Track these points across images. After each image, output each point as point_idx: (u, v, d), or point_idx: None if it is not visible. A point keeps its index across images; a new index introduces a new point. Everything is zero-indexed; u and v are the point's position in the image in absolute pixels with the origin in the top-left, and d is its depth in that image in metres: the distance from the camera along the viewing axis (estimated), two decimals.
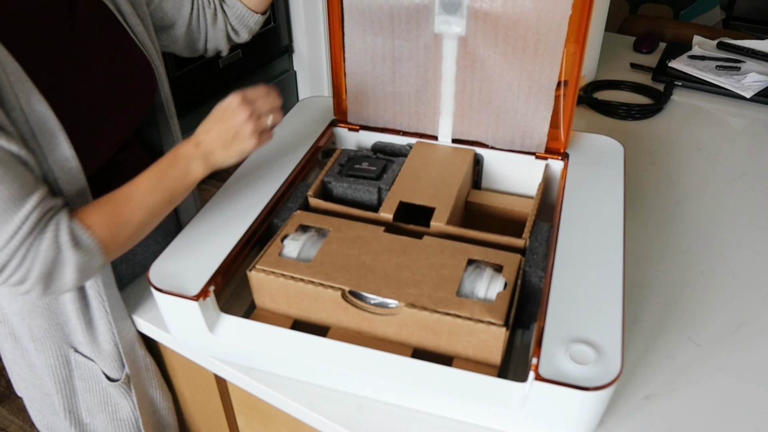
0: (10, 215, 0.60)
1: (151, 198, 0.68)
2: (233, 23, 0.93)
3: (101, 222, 0.65)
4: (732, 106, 1.29)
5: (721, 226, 0.96)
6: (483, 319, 0.65)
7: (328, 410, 0.69)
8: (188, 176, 0.70)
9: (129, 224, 0.67)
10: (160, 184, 0.69)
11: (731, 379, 0.73)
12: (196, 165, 0.70)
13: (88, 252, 0.64)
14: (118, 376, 0.82)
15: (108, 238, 0.66)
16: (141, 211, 0.68)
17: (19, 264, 0.61)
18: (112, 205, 0.67)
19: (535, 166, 0.90)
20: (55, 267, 0.63)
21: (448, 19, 0.80)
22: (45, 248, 0.61)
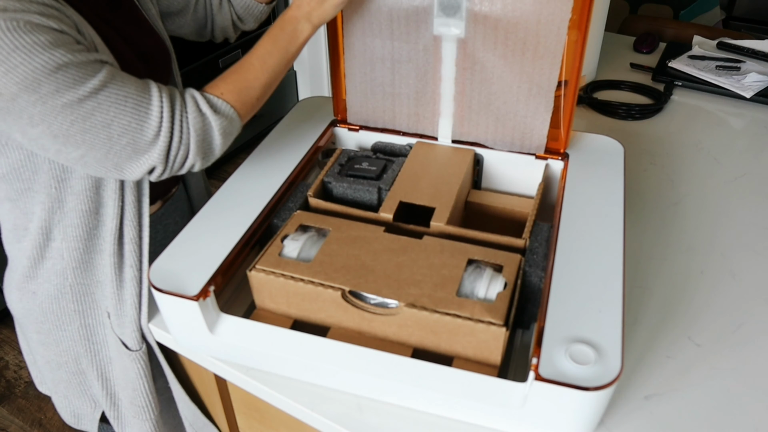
0: (148, 102, 0.66)
1: (270, 61, 0.75)
2: (239, 12, 0.95)
3: (230, 89, 0.73)
4: (732, 106, 1.29)
5: (721, 226, 0.96)
6: (483, 319, 0.65)
7: (328, 410, 0.69)
8: (298, 36, 0.77)
9: (254, 87, 0.75)
10: (275, 47, 0.76)
11: (731, 379, 0.73)
12: (303, 24, 0.77)
13: (226, 116, 0.72)
14: (138, 346, 0.82)
15: (239, 103, 0.73)
16: (263, 74, 0.75)
17: (180, 141, 0.68)
18: (236, 74, 0.74)
19: (535, 166, 0.90)
20: (206, 134, 0.70)
21: (446, 21, 0.80)
22: (193, 120, 0.69)
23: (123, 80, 0.65)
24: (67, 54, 0.60)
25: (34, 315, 0.83)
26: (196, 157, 0.70)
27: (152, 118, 0.66)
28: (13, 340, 1.86)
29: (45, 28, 0.60)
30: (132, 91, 0.65)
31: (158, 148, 0.67)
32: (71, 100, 0.61)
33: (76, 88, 0.61)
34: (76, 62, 0.61)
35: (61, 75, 0.60)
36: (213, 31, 0.96)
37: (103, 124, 0.63)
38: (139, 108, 0.65)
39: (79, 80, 0.61)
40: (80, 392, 0.88)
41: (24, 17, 0.58)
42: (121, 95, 0.64)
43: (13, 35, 0.58)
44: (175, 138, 0.68)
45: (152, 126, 0.66)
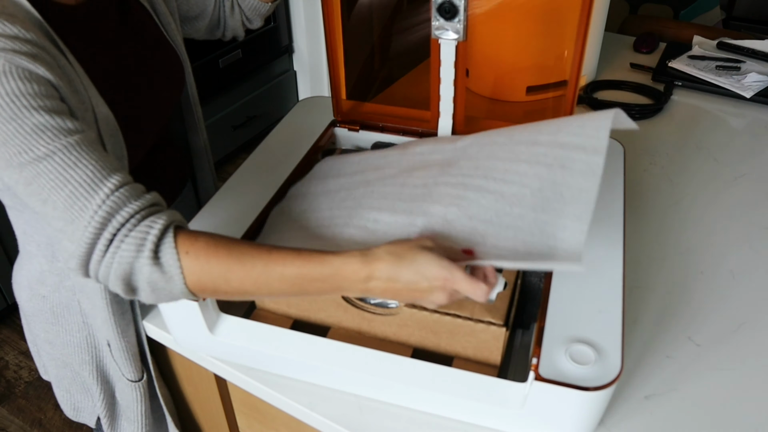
0: (85, 200, 0.56)
1: (274, 282, 0.58)
2: (247, 13, 0.96)
3: (201, 259, 0.57)
4: (732, 106, 1.29)
5: (721, 226, 0.96)
6: (483, 319, 0.65)
7: (328, 410, 0.69)
8: (332, 291, 0.59)
9: (227, 280, 0.58)
10: (295, 280, 0.57)
11: (731, 378, 0.73)
12: (350, 290, 0.58)
13: (168, 276, 0.57)
14: (138, 377, 0.82)
15: (198, 280, 0.57)
16: (255, 285, 0.58)
17: (99, 262, 0.57)
18: (228, 252, 0.58)
19: None
20: (131, 279, 0.58)
21: (444, 24, 0.80)
22: (126, 249, 0.56)
23: (79, 161, 0.56)
24: (33, 110, 0.55)
25: (43, 315, 0.83)
26: (114, 285, 0.58)
27: (83, 218, 0.56)
28: (13, 340, 1.86)
29: (27, 73, 0.55)
30: (78, 177, 0.56)
31: (78, 249, 0.57)
32: (14, 162, 0.55)
33: (22, 148, 0.55)
34: (36, 122, 0.55)
35: (13, 128, 0.55)
36: (224, 32, 0.97)
37: (40, 198, 0.57)
38: (75, 199, 0.56)
39: (28, 141, 0.55)
40: (83, 389, 0.89)
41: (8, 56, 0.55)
42: (62, 177, 0.56)
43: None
44: (95, 253, 0.57)
45: (80, 226, 0.56)
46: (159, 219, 0.58)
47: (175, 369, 0.91)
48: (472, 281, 0.55)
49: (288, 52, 2.47)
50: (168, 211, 0.59)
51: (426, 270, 0.55)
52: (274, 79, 2.44)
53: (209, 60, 2.10)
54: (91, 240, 0.56)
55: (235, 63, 2.21)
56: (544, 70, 1.14)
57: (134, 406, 0.84)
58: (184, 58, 0.85)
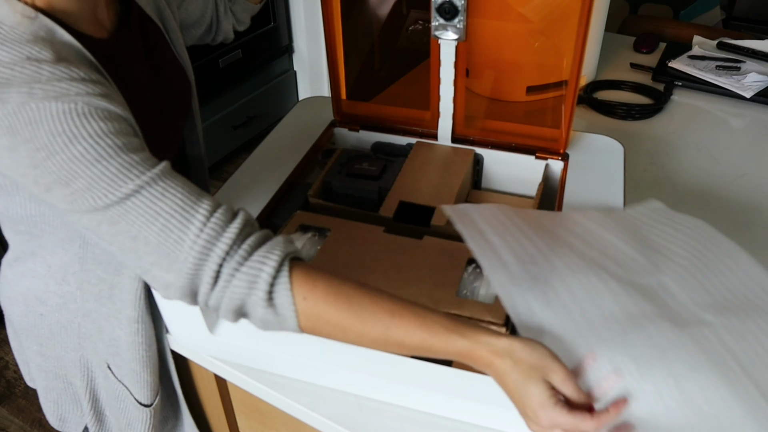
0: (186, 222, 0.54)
1: (395, 348, 0.56)
2: (238, 15, 0.96)
3: (321, 312, 0.55)
4: (732, 106, 1.29)
5: (721, 226, 0.96)
6: (483, 319, 0.65)
7: (328, 410, 0.69)
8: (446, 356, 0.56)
9: (347, 339, 0.57)
10: (416, 348, 0.55)
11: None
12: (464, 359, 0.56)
13: (278, 314, 0.56)
14: (149, 401, 0.80)
15: (311, 324, 0.56)
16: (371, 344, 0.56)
17: (211, 286, 0.55)
18: (349, 313, 0.55)
19: (535, 166, 0.90)
20: (244, 306, 0.56)
21: (444, 24, 0.80)
22: (237, 282, 0.54)
23: (167, 192, 0.55)
24: (113, 148, 0.54)
25: (38, 331, 0.80)
26: (226, 317, 0.57)
27: (182, 248, 0.54)
28: None
29: (105, 113, 0.54)
30: (168, 208, 0.55)
31: (179, 283, 0.56)
32: (99, 205, 0.54)
33: (108, 190, 0.54)
34: (120, 161, 0.54)
35: (98, 170, 0.53)
36: (215, 36, 0.96)
37: (129, 235, 0.55)
38: (168, 231, 0.54)
39: (114, 182, 0.54)
40: (72, 401, 0.86)
41: (86, 99, 0.54)
42: (152, 210, 0.54)
43: (67, 119, 0.53)
44: (203, 284, 0.55)
45: (180, 257, 0.55)
46: (272, 254, 0.55)
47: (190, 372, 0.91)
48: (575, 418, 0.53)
49: (288, 52, 2.47)
50: (280, 242, 0.57)
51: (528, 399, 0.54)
52: (274, 79, 2.44)
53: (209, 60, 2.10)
54: (193, 270, 0.55)
55: (235, 63, 2.21)
56: (544, 70, 1.14)
57: (138, 427, 0.81)
58: (191, 73, 0.84)
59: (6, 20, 0.56)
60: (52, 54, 0.55)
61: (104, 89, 0.57)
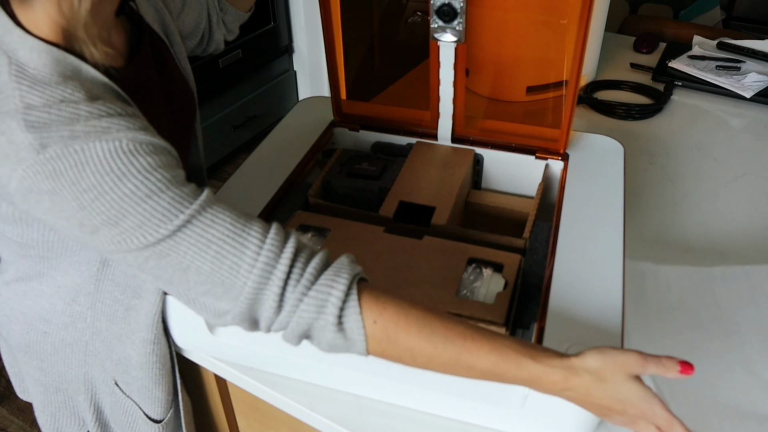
0: (242, 246, 0.54)
1: (465, 371, 0.55)
2: (229, 25, 0.95)
3: (390, 335, 0.54)
4: (732, 106, 1.29)
5: (721, 226, 0.96)
6: (483, 319, 0.65)
7: (328, 410, 0.69)
8: (517, 381, 0.55)
9: (416, 359, 0.55)
10: (487, 372, 0.54)
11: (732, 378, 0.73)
12: (535, 385, 0.54)
13: (347, 339, 0.55)
14: (161, 417, 0.79)
15: (379, 347, 0.55)
16: (440, 366, 0.55)
17: (272, 318, 0.55)
18: (420, 338, 0.54)
19: (535, 166, 0.90)
20: (311, 330, 0.55)
21: (443, 27, 0.80)
22: (305, 307, 0.54)
23: (216, 218, 0.54)
24: (162, 181, 0.53)
25: (40, 348, 0.78)
26: (289, 340, 0.57)
27: (240, 274, 0.53)
28: None
29: (149, 147, 0.53)
30: (219, 235, 0.54)
31: (237, 309, 0.55)
32: (148, 242, 0.53)
33: (158, 225, 0.53)
34: (170, 195, 0.53)
35: (149, 206, 0.52)
36: (206, 48, 0.94)
37: (179, 267, 0.54)
38: (222, 258, 0.53)
39: (164, 217, 0.53)
40: (71, 414, 0.85)
41: (130, 135, 0.53)
42: (204, 239, 0.53)
43: (114, 157, 0.51)
44: (265, 309, 0.54)
45: (238, 282, 0.54)
46: (340, 277, 0.55)
47: None
48: (671, 418, 0.52)
49: (288, 52, 2.47)
50: (345, 264, 0.57)
51: (627, 399, 0.53)
52: (274, 79, 2.44)
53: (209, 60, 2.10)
54: (252, 296, 0.54)
55: (235, 63, 2.21)
56: (544, 70, 1.14)
57: None
58: (193, 84, 0.83)
59: (30, 63, 0.54)
60: (84, 93, 0.54)
61: (142, 122, 0.56)
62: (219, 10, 0.92)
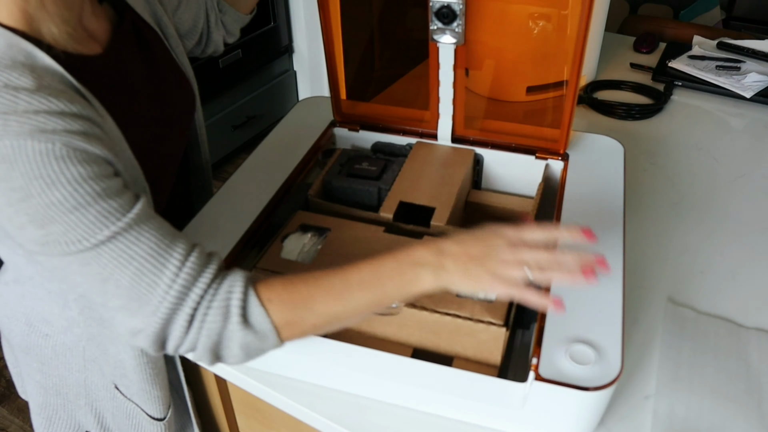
0: (158, 272, 0.54)
1: (357, 294, 0.57)
2: (228, 28, 0.95)
3: (284, 300, 0.57)
4: (732, 106, 1.29)
5: (721, 226, 0.96)
6: (483, 319, 0.65)
7: (328, 410, 0.69)
8: (410, 285, 0.58)
9: (319, 314, 0.57)
10: (373, 281, 0.58)
11: (732, 378, 0.73)
12: (425, 275, 0.57)
13: (259, 333, 0.56)
14: (162, 415, 0.79)
15: (286, 322, 0.57)
16: (338, 304, 0.57)
17: (183, 336, 0.55)
18: (306, 286, 0.57)
19: (535, 166, 0.90)
20: (220, 344, 0.56)
21: (443, 29, 0.80)
22: (211, 323, 0.55)
23: (141, 236, 0.54)
24: (92, 195, 0.52)
25: (42, 351, 0.78)
26: (202, 357, 0.58)
27: (156, 293, 0.54)
28: None
29: (84, 156, 0.52)
30: (142, 252, 0.54)
31: (150, 327, 0.55)
32: (74, 250, 0.53)
33: (86, 235, 0.53)
34: (98, 208, 0.53)
35: (75, 218, 0.52)
36: (205, 49, 0.94)
37: (99, 277, 0.54)
38: (141, 275, 0.54)
39: (91, 227, 0.53)
40: (67, 418, 0.84)
41: (64, 139, 0.51)
42: (126, 254, 0.54)
43: (44, 161, 0.50)
44: (175, 327, 0.55)
45: (153, 301, 0.54)
46: (236, 282, 0.56)
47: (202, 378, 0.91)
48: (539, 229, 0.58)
49: (288, 52, 2.47)
50: (238, 272, 0.58)
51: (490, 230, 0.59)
52: (274, 79, 2.44)
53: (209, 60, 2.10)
54: (166, 316, 0.55)
55: (235, 63, 2.21)
56: (544, 70, 1.14)
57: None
58: (193, 80, 0.82)
59: None
60: (32, 81, 0.52)
61: (84, 125, 0.54)
62: (218, 10, 0.92)
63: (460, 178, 0.85)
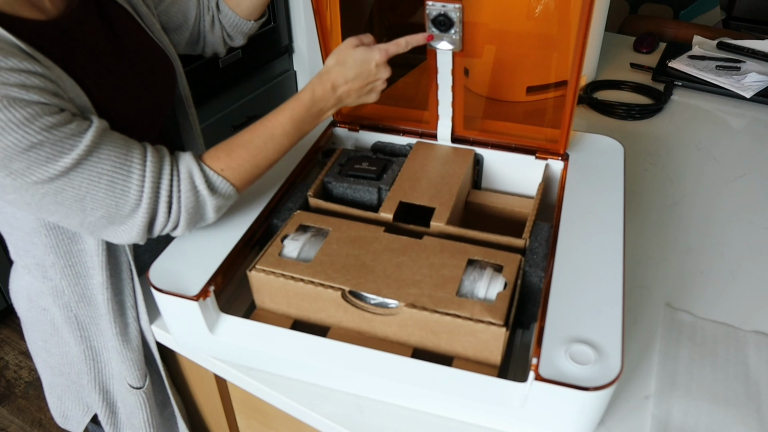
0: (126, 177, 0.63)
1: (285, 142, 0.73)
2: (228, 30, 0.94)
3: (233, 166, 0.69)
4: (732, 106, 1.29)
5: (721, 226, 0.96)
6: (483, 319, 0.65)
7: (328, 410, 0.69)
8: (320, 117, 0.76)
9: (261, 166, 0.72)
10: (294, 129, 0.73)
11: (732, 378, 0.73)
12: (328, 108, 0.75)
13: (223, 194, 0.69)
14: (140, 384, 0.82)
15: (240, 180, 0.70)
16: (274, 153, 0.72)
17: (167, 217, 0.66)
18: (245, 150, 0.70)
19: (535, 166, 0.90)
20: (198, 211, 0.69)
21: (440, 36, 0.80)
22: (186, 200, 0.67)
23: (101, 154, 0.62)
24: (43, 131, 0.57)
25: (42, 326, 0.82)
26: (185, 230, 0.70)
27: (129, 196, 0.64)
28: (13, 340, 1.86)
29: (23, 103, 0.57)
30: (108, 167, 0.62)
31: (137, 222, 0.65)
32: (41, 179, 0.59)
33: (47, 166, 0.59)
34: (52, 139, 0.58)
35: (34, 153, 0.58)
36: (204, 48, 0.95)
37: (75, 198, 0.62)
38: (113, 185, 0.63)
39: (51, 158, 0.58)
40: (75, 398, 0.88)
41: (2, 92, 0.55)
42: (95, 172, 0.61)
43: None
44: (160, 214, 0.66)
45: (129, 203, 0.64)
46: (192, 164, 0.67)
47: (182, 371, 0.91)
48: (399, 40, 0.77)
49: (288, 52, 2.46)
50: (184, 154, 0.68)
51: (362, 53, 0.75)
52: (274, 79, 2.44)
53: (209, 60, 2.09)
54: (149, 208, 0.65)
55: (235, 63, 2.21)
56: (544, 70, 1.14)
57: (138, 414, 0.83)
58: (174, 57, 0.84)
59: None
60: None
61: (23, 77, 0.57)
62: (216, 9, 0.91)
63: (460, 178, 0.85)
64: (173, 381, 0.91)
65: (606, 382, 0.58)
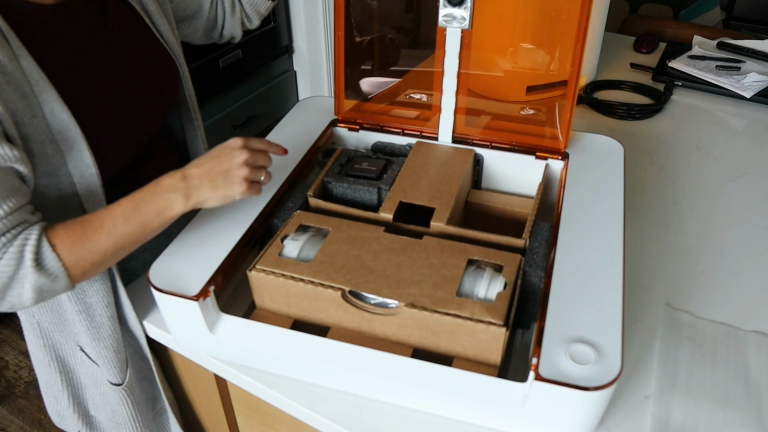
0: None
1: (122, 227, 0.64)
2: (247, 11, 0.96)
3: (68, 242, 0.62)
4: (732, 106, 1.29)
5: (722, 226, 0.96)
6: (483, 319, 0.65)
7: (328, 410, 0.69)
8: (165, 210, 0.66)
9: (92, 250, 0.63)
10: (133, 213, 0.65)
11: (732, 378, 0.73)
12: (176, 199, 0.66)
13: (50, 273, 0.61)
14: (120, 380, 0.82)
15: (73, 261, 0.63)
16: (109, 239, 0.64)
17: None
18: (82, 228, 0.63)
19: (535, 166, 0.90)
20: (12, 285, 0.61)
21: (452, 11, 0.80)
22: (5, 261, 0.59)
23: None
24: None
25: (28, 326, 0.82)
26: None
27: None
28: (13, 340, 1.86)
29: None
30: None
31: None
32: None
33: None
34: None
35: None
36: (222, 31, 0.96)
37: None
38: None
39: None
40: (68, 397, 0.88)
41: None
42: None
43: None
44: None
45: None
46: (32, 231, 0.61)
47: (176, 369, 0.91)
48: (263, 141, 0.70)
49: (288, 52, 2.47)
50: (37, 223, 0.62)
51: (222, 145, 0.68)
52: (274, 79, 2.44)
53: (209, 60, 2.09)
54: None
55: (235, 63, 2.21)
56: (544, 70, 1.14)
57: (121, 410, 0.83)
58: (180, 61, 0.84)
59: None
60: None
61: None
62: None
63: (460, 178, 0.85)
64: (167, 377, 0.91)
65: (606, 382, 0.58)
